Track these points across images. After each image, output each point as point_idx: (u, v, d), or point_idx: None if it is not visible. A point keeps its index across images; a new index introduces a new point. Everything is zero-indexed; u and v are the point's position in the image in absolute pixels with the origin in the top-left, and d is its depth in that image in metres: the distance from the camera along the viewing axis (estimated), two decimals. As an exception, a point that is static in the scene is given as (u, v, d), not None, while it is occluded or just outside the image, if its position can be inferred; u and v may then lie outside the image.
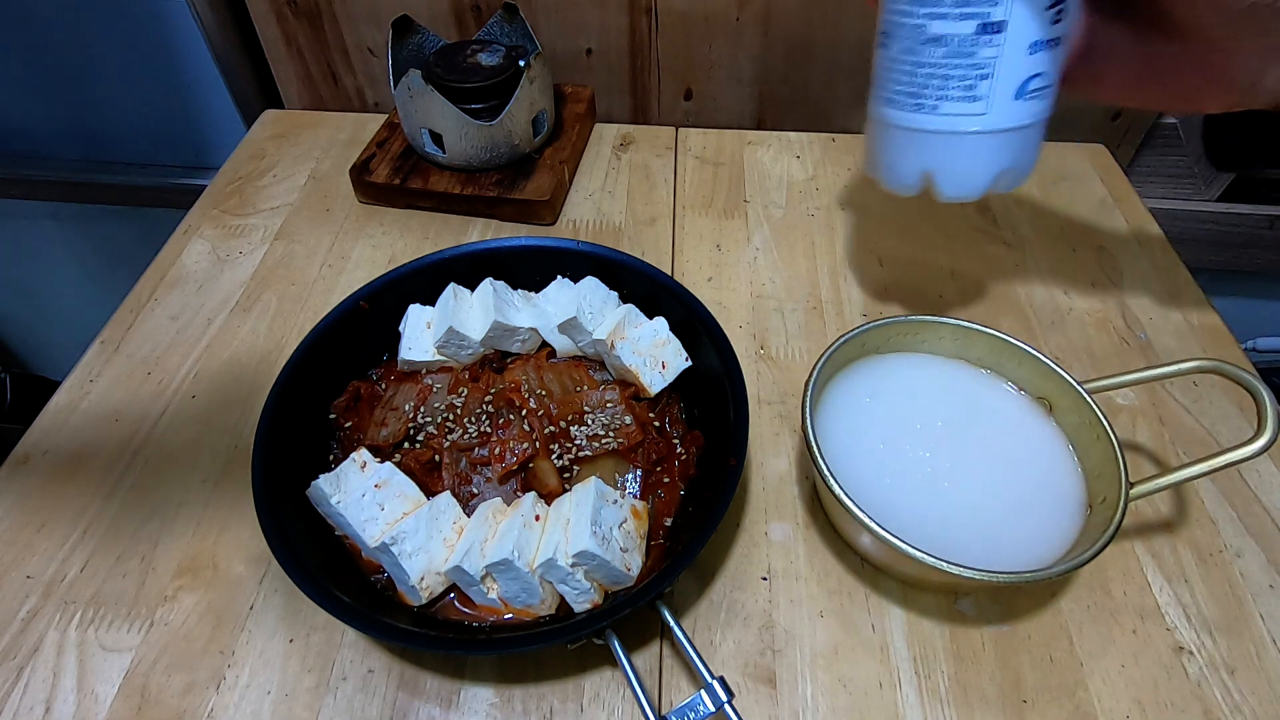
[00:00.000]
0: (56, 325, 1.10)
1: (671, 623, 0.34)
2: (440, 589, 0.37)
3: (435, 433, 0.43)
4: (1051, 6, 0.38)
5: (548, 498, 0.40)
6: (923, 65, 0.40)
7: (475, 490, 0.41)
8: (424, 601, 0.37)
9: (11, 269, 1.01)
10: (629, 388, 0.44)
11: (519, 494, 0.40)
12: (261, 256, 0.58)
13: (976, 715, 0.36)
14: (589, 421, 0.43)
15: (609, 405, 0.43)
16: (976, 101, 0.40)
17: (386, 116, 0.68)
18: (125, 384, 0.49)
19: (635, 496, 0.41)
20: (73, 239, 0.97)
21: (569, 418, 0.43)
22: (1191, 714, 0.36)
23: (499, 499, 0.39)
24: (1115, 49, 0.40)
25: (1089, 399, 0.39)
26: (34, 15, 0.74)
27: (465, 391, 0.44)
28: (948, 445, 0.41)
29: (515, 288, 0.48)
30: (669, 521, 0.41)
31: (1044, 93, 0.40)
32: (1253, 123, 0.39)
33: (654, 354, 0.44)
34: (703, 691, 0.31)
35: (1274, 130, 0.37)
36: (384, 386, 0.46)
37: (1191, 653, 0.38)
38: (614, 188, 0.65)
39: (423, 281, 0.47)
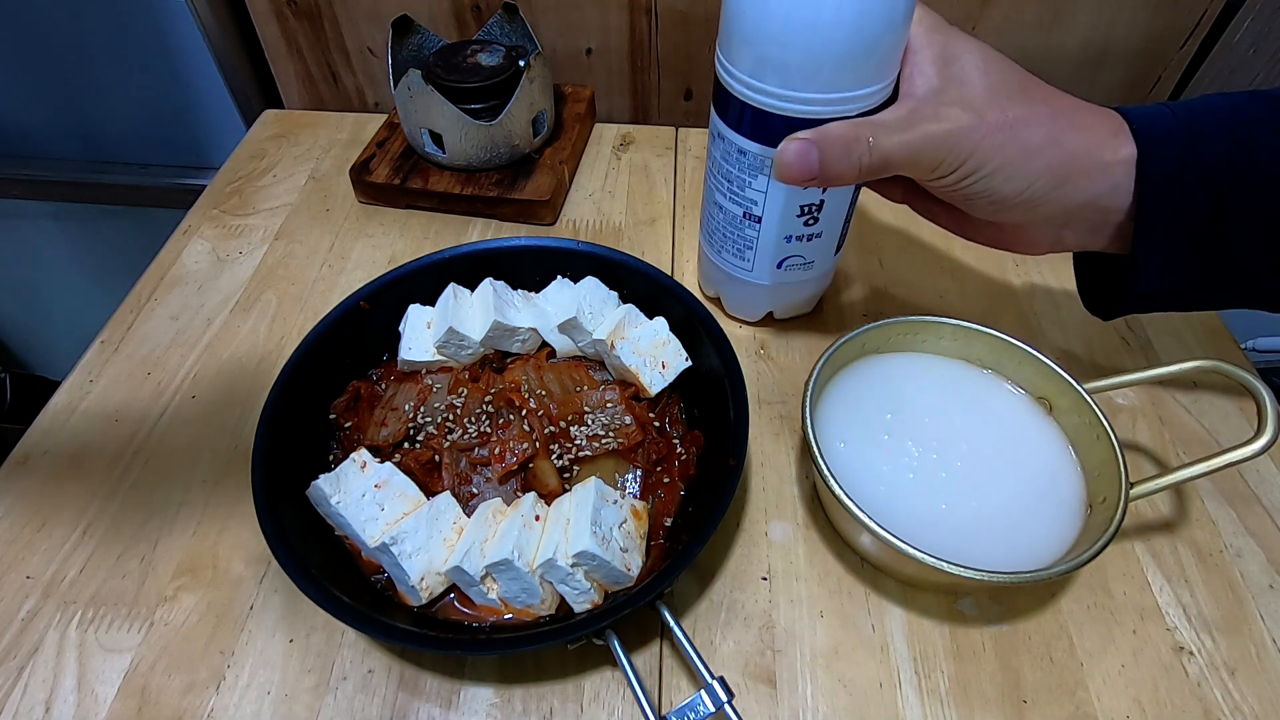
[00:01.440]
0: (55, 326, 1.10)
1: (671, 623, 0.34)
2: (440, 589, 0.37)
3: (435, 433, 0.43)
4: (801, 215, 0.44)
5: (548, 498, 0.40)
6: (714, 219, 0.48)
7: (475, 490, 0.41)
8: (424, 602, 0.37)
9: (11, 269, 1.01)
10: (629, 388, 0.44)
11: (519, 494, 0.40)
12: (261, 256, 0.58)
13: (977, 715, 0.36)
14: (589, 421, 0.43)
15: (609, 405, 0.43)
16: (745, 260, 0.48)
17: (386, 116, 0.68)
18: (125, 384, 0.49)
19: (635, 496, 0.41)
20: (72, 239, 0.96)
21: (569, 418, 0.43)
22: (1192, 714, 0.36)
23: (499, 499, 0.39)
24: (941, 209, 0.43)
25: (1089, 399, 0.39)
26: (34, 15, 0.74)
27: (465, 392, 0.44)
28: (948, 445, 0.41)
29: (515, 288, 0.48)
30: (669, 521, 0.41)
31: (803, 266, 0.48)
32: (1109, 269, 0.42)
33: (654, 354, 0.44)
34: (703, 692, 0.31)
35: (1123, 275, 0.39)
36: (384, 386, 0.46)
37: (1192, 653, 0.38)
38: (614, 188, 0.65)
39: (423, 281, 0.47)
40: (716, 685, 0.31)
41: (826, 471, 0.36)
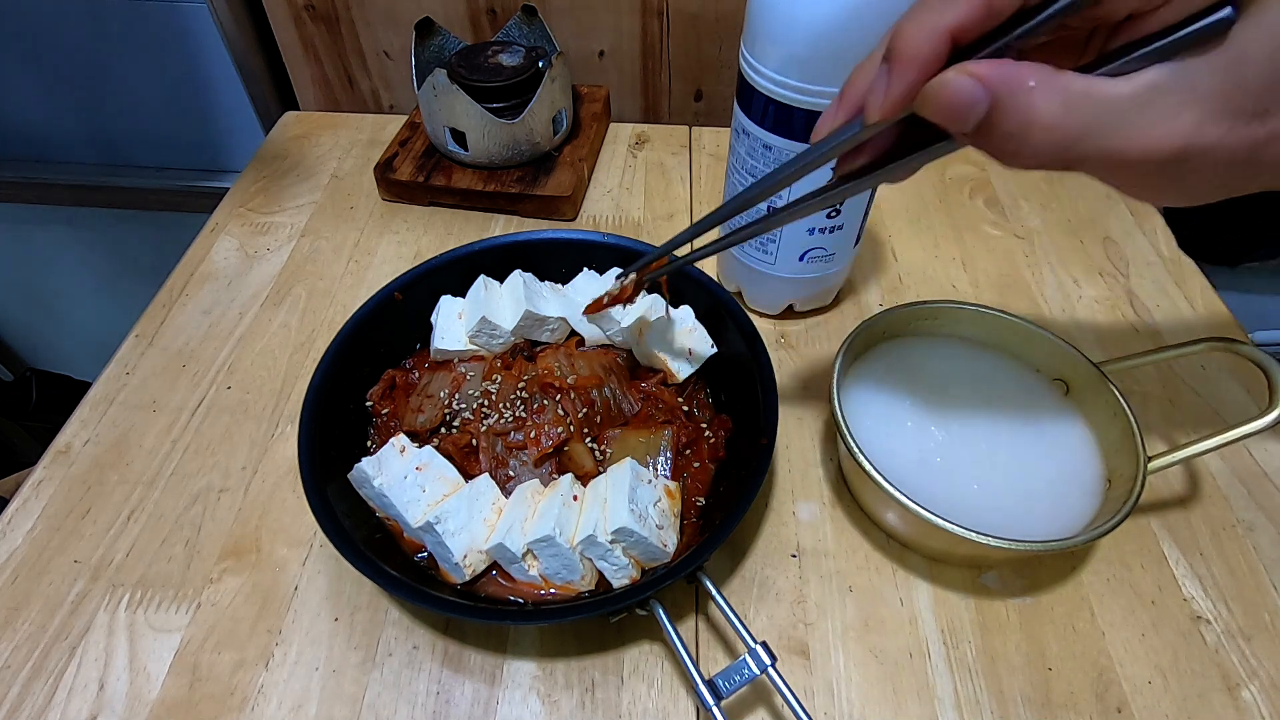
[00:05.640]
0: (67, 329, 1.10)
1: (713, 591, 0.35)
2: (482, 567, 0.38)
3: (471, 418, 0.44)
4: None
5: (583, 479, 0.41)
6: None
7: (512, 473, 0.42)
8: (467, 579, 0.38)
9: (25, 273, 1.01)
10: (657, 374, 0.45)
11: (554, 476, 0.42)
12: (289, 253, 0.59)
13: (1004, 682, 0.37)
14: (620, 406, 0.44)
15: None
16: (767, 254, 0.50)
17: (406, 117, 0.69)
18: (161, 376, 0.50)
19: (667, 478, 0.42)
20: (85, 243, 0.97)
21: (601, 402, 0.44)
22: (1210, 679, 0.37)
23: (536, 480, 0.41)
24: None
25: (1106, 378, 0.41)
26: (52, 19, 0.75)
27: (499, 378, 0.45)
28: (968, 426, 0.42)
29: (541, 280, 0.49)
30: (700, 501, 0.42)
31: (826, 258, 0.50)
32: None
33: (681, 341, 0.46)
34: (747, 656, 0.33)
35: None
36: (418, 375, 0.47)
37: (1209, 621, 0.39)
38: (631, 185, 0.66)
39: (453, 274, 0.48)
40: (760, 649, 0.32)
41: (855, 447, 0.38)
